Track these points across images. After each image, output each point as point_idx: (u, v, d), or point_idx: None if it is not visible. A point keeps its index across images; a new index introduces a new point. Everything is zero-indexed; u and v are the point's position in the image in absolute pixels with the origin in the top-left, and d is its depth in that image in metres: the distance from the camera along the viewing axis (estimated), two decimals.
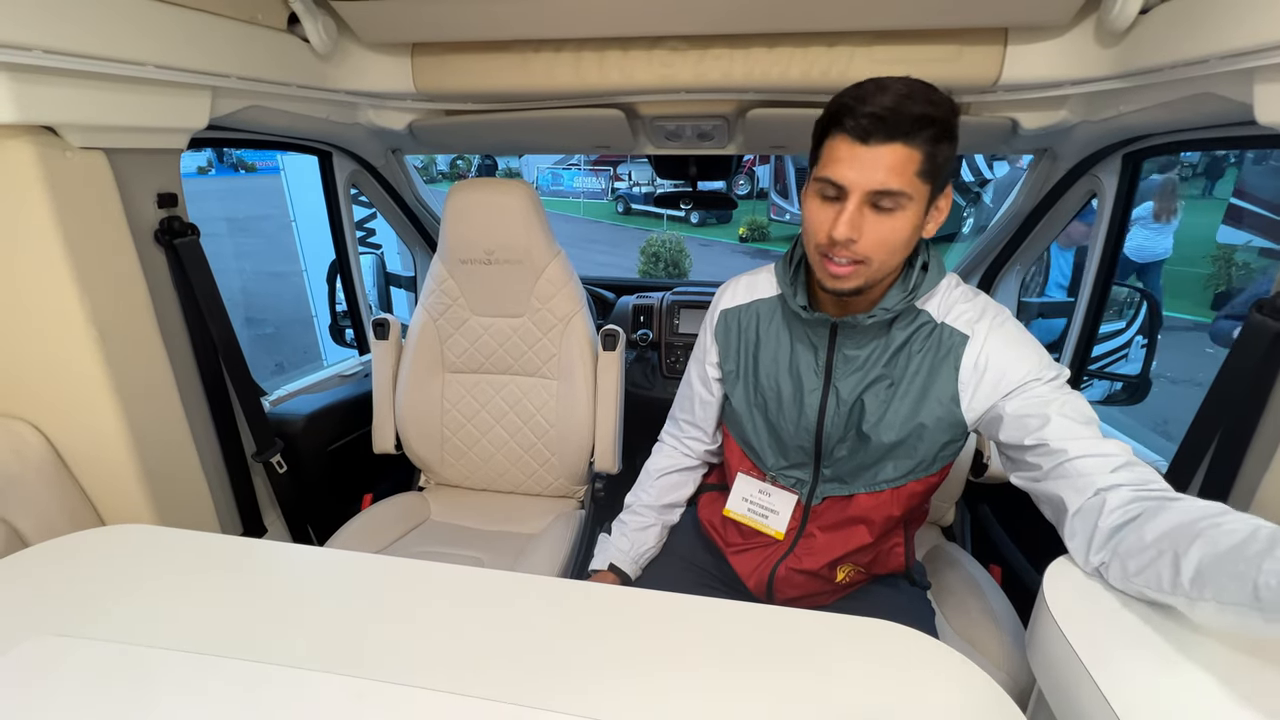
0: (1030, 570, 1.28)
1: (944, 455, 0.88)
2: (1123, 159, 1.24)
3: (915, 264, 0.84)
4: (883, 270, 0.78)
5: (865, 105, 0.70)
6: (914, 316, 0.86)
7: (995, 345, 0.82)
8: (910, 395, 0.86)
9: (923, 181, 0.72)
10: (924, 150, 0.70)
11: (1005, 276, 1.67)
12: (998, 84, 1.14)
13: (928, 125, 0.69)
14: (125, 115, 0.91)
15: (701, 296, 1.94)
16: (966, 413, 0.84)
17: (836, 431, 0.91)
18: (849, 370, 0.89)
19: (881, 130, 0.70)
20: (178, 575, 0.73)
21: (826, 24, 1.11)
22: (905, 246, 0.76)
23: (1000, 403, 0.80)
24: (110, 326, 0.92)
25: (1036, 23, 1.07)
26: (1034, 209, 1.48)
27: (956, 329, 0.83)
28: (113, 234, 0.93)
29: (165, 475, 1.04)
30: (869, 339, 0.87)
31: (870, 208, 0.73)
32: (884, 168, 0.71)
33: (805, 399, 0.92)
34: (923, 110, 0.69)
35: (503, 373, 1.53)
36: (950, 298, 0.86)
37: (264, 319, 6.43)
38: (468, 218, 1.41)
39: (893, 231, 0.74)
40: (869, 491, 0.92)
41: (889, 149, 0.70)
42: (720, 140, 1.49)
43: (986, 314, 0.84)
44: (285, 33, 1.14)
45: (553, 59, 1.24)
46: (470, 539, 1.41)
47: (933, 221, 0.79)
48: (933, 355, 0.84)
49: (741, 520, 1.02)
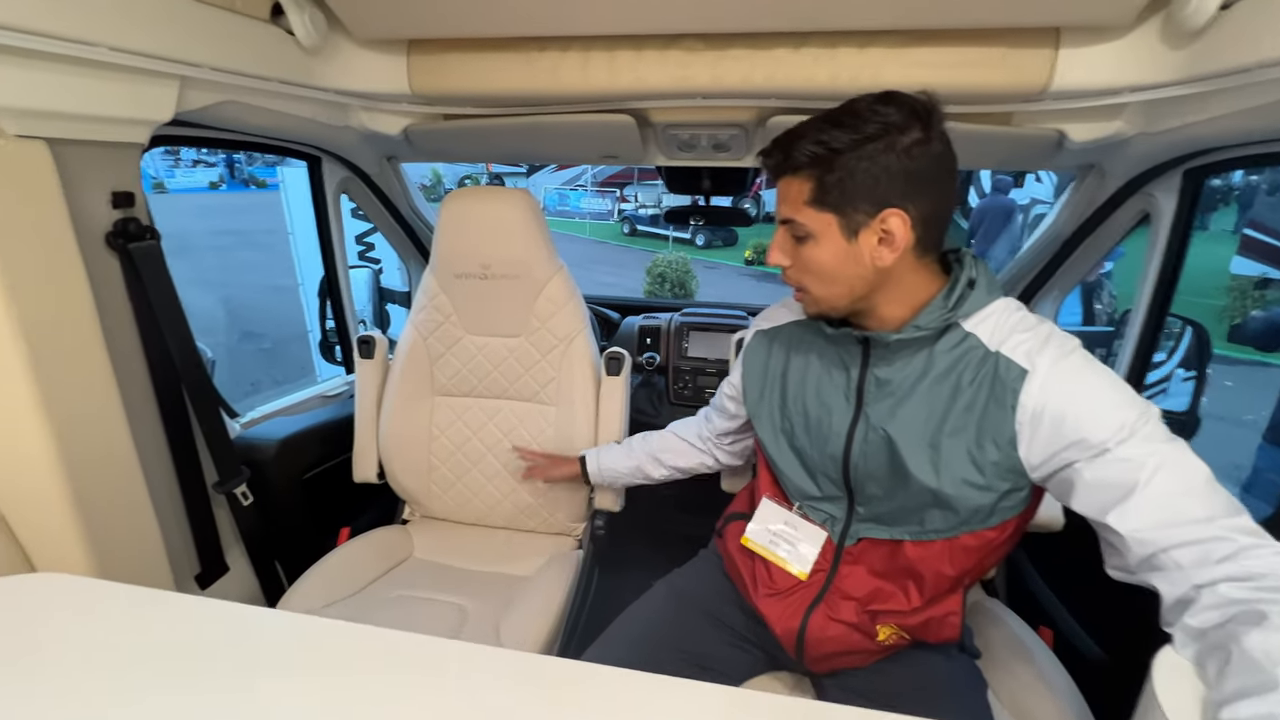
0: (1084, 636, 1.13)
1: (1005, 507, 0.75)
2: (1183, 175, 1.13)
3: (960, 279, 0.74)
4: (831, 299, 0.77)
5: (768, 147, 0.75)
6: (960, 339, 0.74)
7: (1060, 386, 0.69)
8: (961, 433, 0.74)
9: (818, 210, 0.71)
10: (812, 179, 0.71)
11: (1041, 301, 1.55)
12: (1046, 91, 1.03)
13: (808, 160, 0.70)
14: (73, 102, 0.80)
15: (713, 318, 1.83)
16: (1025, 460, 0.71)
17: (867, 465, 0.80)
18: (881, 395, 0.78)
19: (773, 165, 0.75)
20: (86, 636, 0.60)
21: (859, 23, 1.01)
22: (837, 278, 0.74)
23: (1072, 464, 0.67)
24: (44, 341, 0.80)
25: (1094, 23, 0.97)
26: (1076, 230, 1.36)
27: (1014, 361, 0.71)
28: (52, 235, 0.81)
29: (106, 509, 0.91)
30: (904, 360, 0.77)
31: (793, 238, 0.76)
32: (781, 198, 0.75)
33: (832, 424, 0.82)
34: (808, 147, 0.70)
35: (497, 397, 1.41)
36: (1006, 324, 0.74)
37: (262, 333, 6.35)
38: (463, 228, 1.31)
39: (811, 260, 0.75)
40: (916, 540, 0.80)
41: (783, 182, 0.75)
42: (737, 151, 1.38)
43: (1050, 345, 0.71)
44: (268, 23, 1.04)
45: (559, 59, 1.14)
46: (455, 582, 1.27)
47: (886, 249, 0.71)
48: (986, 389, 0.72)
49: (760, 552, 0.91)
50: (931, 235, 0.72)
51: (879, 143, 0.67)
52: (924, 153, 0.68)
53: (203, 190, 17.45)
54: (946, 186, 0.72)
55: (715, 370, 1.79)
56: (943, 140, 0.70)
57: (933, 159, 0.69)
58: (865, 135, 0.67)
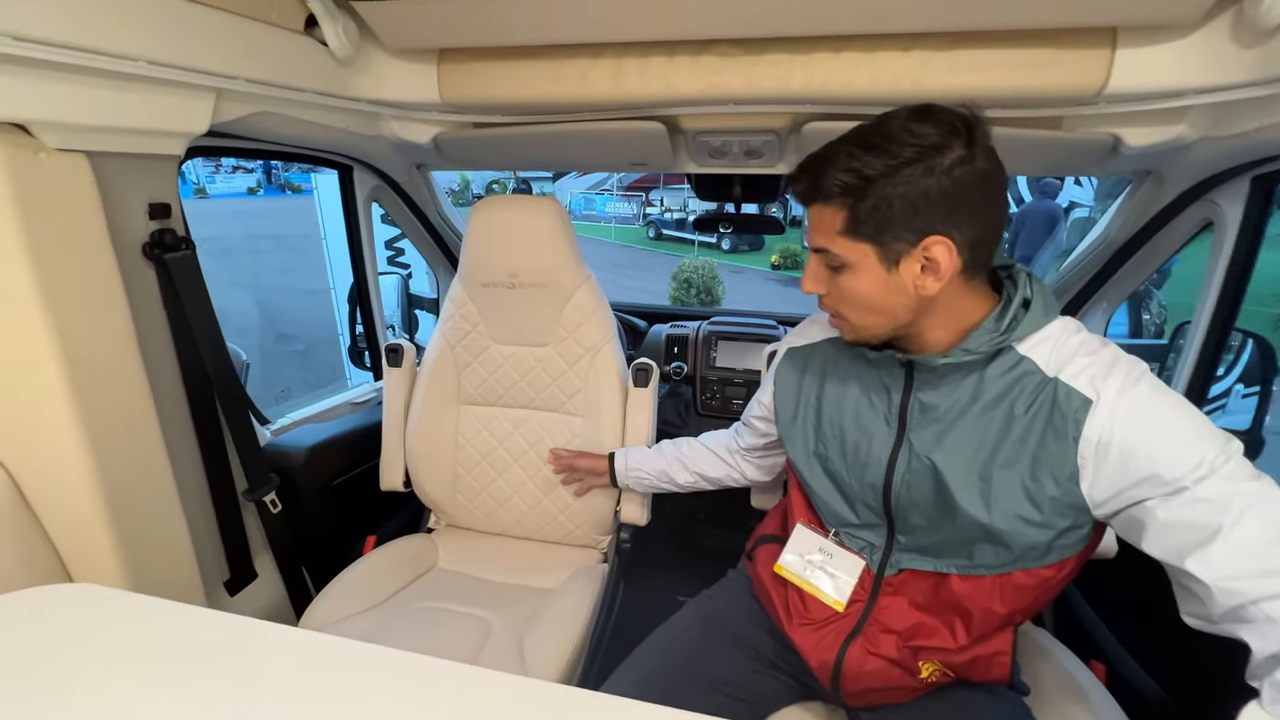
0: (1141, 673, 1.06)
1: (1063, 544, 0.69)
2: (1251, 182, 1.06)
3: (1014, 298, 0.69)
4: (869, 328, 0.73)
5: (796, 171, 0.71)
6: (1014, 363, 0.69)
7: (1130, 417, 0.63)
8: (1015, 465, 0.68)
9: (853, 240, 0.67)
10: (844, 208, 0.66)
11: (1090, 313, 1.48)
12: (1101, 94, 0.98)
13: (839, 189, 0.66)
14: (112, 115, 0.81)
15: (742, 328, 1.79)
16: (1089, 496, 0.66)
17: (910, 495, 0.76)
18: (926, 421, 0.74)
19: (801, 192, 0.71)
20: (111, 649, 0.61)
21: (903, 25, 0.96)
22: (877, 308, 0.70)
23: (1142, 502, 0.62)
24: (82, 351, 0.81)
25: (1156, 21, 0.91)
26: (1130, 238, 1.29)
27: (1075, 389, 0.66)
28: (91, 247, 0.82)
29: (140, 518, 0.92)
30: (951, 385, 0.72)
31: (827, 266, 0.72)
32: (813, 226, 0.71)
33: (872, 450, 0.78)
34: (839, 176, 0.66)
35: (523, 406, 1.39)
36: (1065, 347, 0.69)
37: (296, 335, 6.51)
38: (491, 237, 1.30)
39: (848, 290, 0.71)
40: (964, 574, 0.75)
41: (813, 210, 0.71)
42: (770, 158, 1.35)
43: (1116, 371, 0.65)
44: (302, 35, 1.05)
45: (589, 66, 1.12)
46: (480, 593, 1.26)
47: (930, 278, 0.66)
48: (1044, 418, 0.67)
49: (794, 580, 0.87)
50: (980, 257, 0.68)
51: (916, 166, 0.62)
52: (967, 172, 0.62)
53: (241, 195, 18.02)
54: (995, 205, 0.67)
55: (743, 381, 1.75)
56: (988, 156, 0.64)
57: (978, 178, 0.63)
58: (901, 160, 0.62)
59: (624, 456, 1.23)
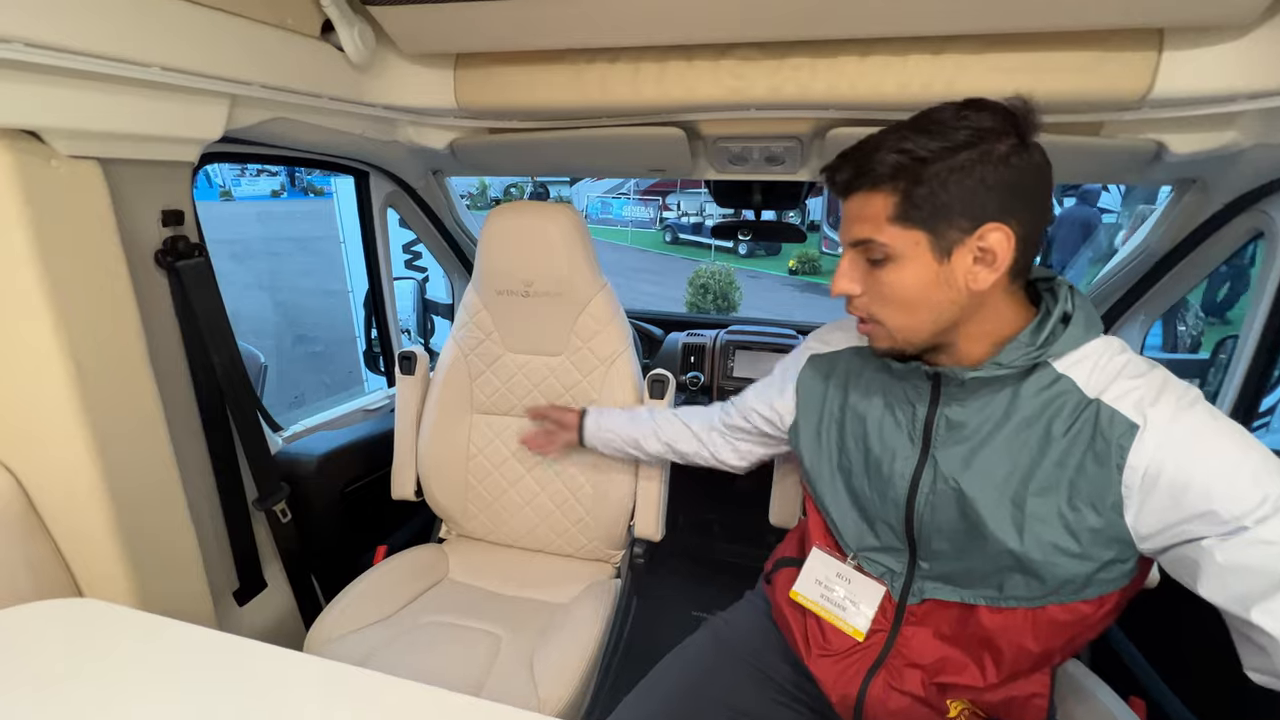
0: (1184, 710, 1.00)
1: (1104, 579, 0.64)
2: None
3: (1053, 312, 0.65)
4: (908, 331, 0.68)
5: (833, 162, 0.67)
6: (1050, 381, 0.65)
7: (1181, 446, 0.58)
8: (1051, 492, 0.64)
9: (904, 227, 0.63)
10: (896, 193, 0.62)
11: (1127, 325, 1.42)
12: (1146, 99, 0.93)
13: (889, 171, 0.62)
14: (126, 122, 0.80)
15: (760, 338, 1.75)
16: (1134, 529, 0.61)
17: (933, 517, 0.72)
18: (953, 439, 0.70)
19: (845, 181, 0.66)
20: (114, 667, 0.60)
21: (935, 28, 0.93)
22: (921, 304, 0.65)
23: (1197, 540, 0.57)
24: (91, 360, 0.80)
25: (1206, 22, 0.86)
26: (1172, 249, 1.23)
27: (1120, 412, 0.61)
28: (102, 255, 0.81)
29: (148, 527, 0.91)
30: (981, 401, 0.68)
31: (866, 263, 0.67)
32: (853, 219, 0.66)
33: (895, 466, 0.74)
34: (888, 158, 0.62)
35: None
36: (1108, 368, 0.64)
37: (315, 336, 6.58)
38: (506, 245, 1.28)
39: (889, 286, 0.66)
40: (993, 606, 0.70)
41: (855, 199, 0.66)
42: (791, 164, 1.31)
43: (1167, 396, 0.61)
44: (318, 40, 1.04)
45: (607, 71, 1.10)
46: (490, 607, 1.23)
47: (984, 270, 0.62)
48: (1085, 443, 0.63)
49: (811, 607, 0.83)
50: (1028, 256, 0.64)
51: (973, 150, 0.59)
52: (1024, 162, 0.60)
53: (265, 199, 18.35)
54: (1047, 202, 0.64)
55: None
56: (1040, 149, 0.62)
57: (1034, 169, 0.61)
58: (956, 142, 0.59)
59: (596, 416, 1.17)
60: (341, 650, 1.06)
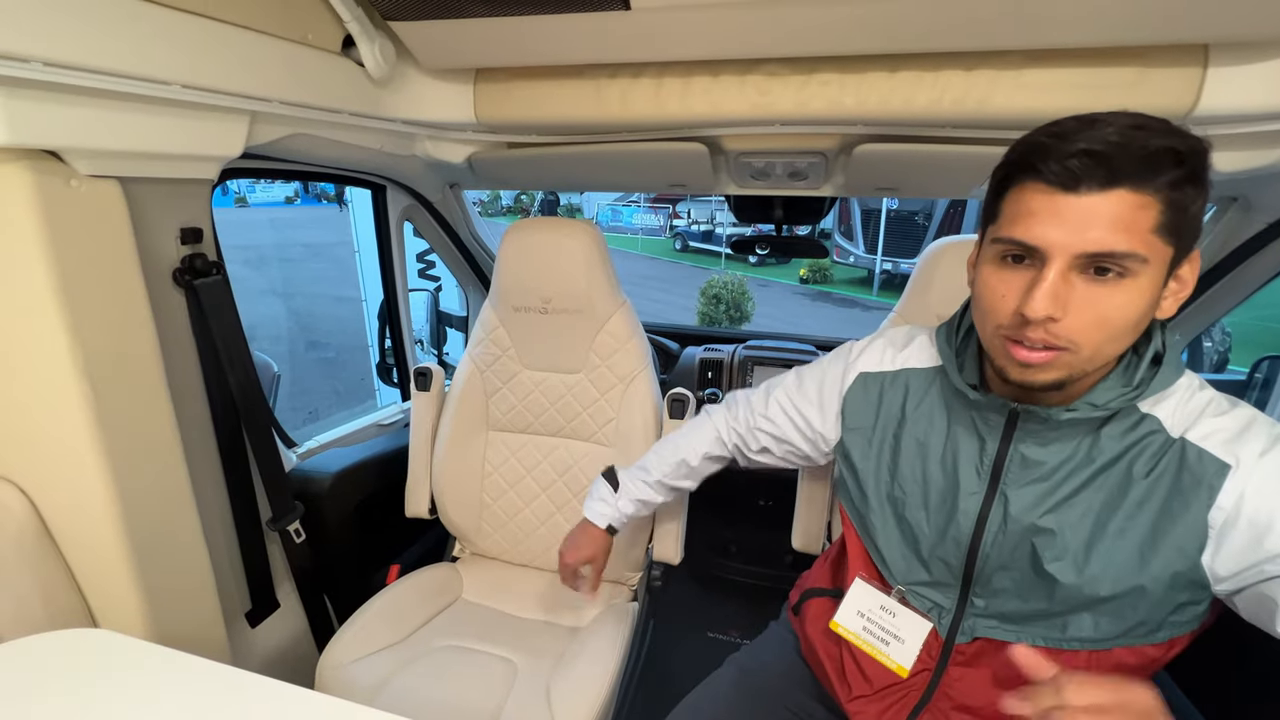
0: None
1: (1176, 621, 0.62)
2: None
3: (1145, 352, 0.61)
4: (1095, 361, 0.57)
5: (1072, 141, 0.52)
6: (1135, 422, 0.62)
7: (1267, 484, 0.55)
8: (1130, 535, 0.61)
9: (1164, 240, 0.53)
10: (1165, 197, 0.51)
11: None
12: (1190, 115, 0.90)
13: (1170, 162, 0.51)
14: (146, 140, 0.79)
15: (778, 353, 1.72)
16: (1210, 570, 0.58)
17: (1000, 556, 0.68)
18: (1027, 478, 0.66)
19: (1099, 172, 0.51)
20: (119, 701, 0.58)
21: (969, 44, 0.90)
22: (1133, 330, 0.56)
23: (1276, 578, 0.54)
24: (107, 381, 0.79)
25: (1253, 38, 0.83)
26: (1212, 268, 1.19)
27: (1209, 452, 0.58)
28: (121, 275, 0.80)
29: (162, 548, 0.89)
30: (1063, 441, 0.64)
31: (1081, 276, 0.54)
32: (1102, 223, 0.52)
33: (960, 502, 0.70)
34: (1163, 142, 0.51)
35: (553, 434, 1.34)
36: (1192, 405, 0.61)
37: (327, 342, 6.61)
38: (525, 261, 1.26)
39: (1116, 309, 0.54)
40: (1054, 648, 0.66)
41: (1109, 197, 0.52)
42: (815, 180, 1.29)
43: (1254, 433, 0.58)
44: (339, 56, 1.03)
45: (629, 86, 1.08)
46: (505, 631, 1.20)
47: (1172, 297, 0.57)
48: (1169, 483, 0.60)
49: (852, 640, 0.79)
50: None
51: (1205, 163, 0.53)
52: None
53: (279, 205, 18.57)
54: None
55: None
56: None
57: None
58: (1204, 147, 0.53)
59: (617, 512, 1.02)
60: (355, 676, 1.04)
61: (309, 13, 0.94)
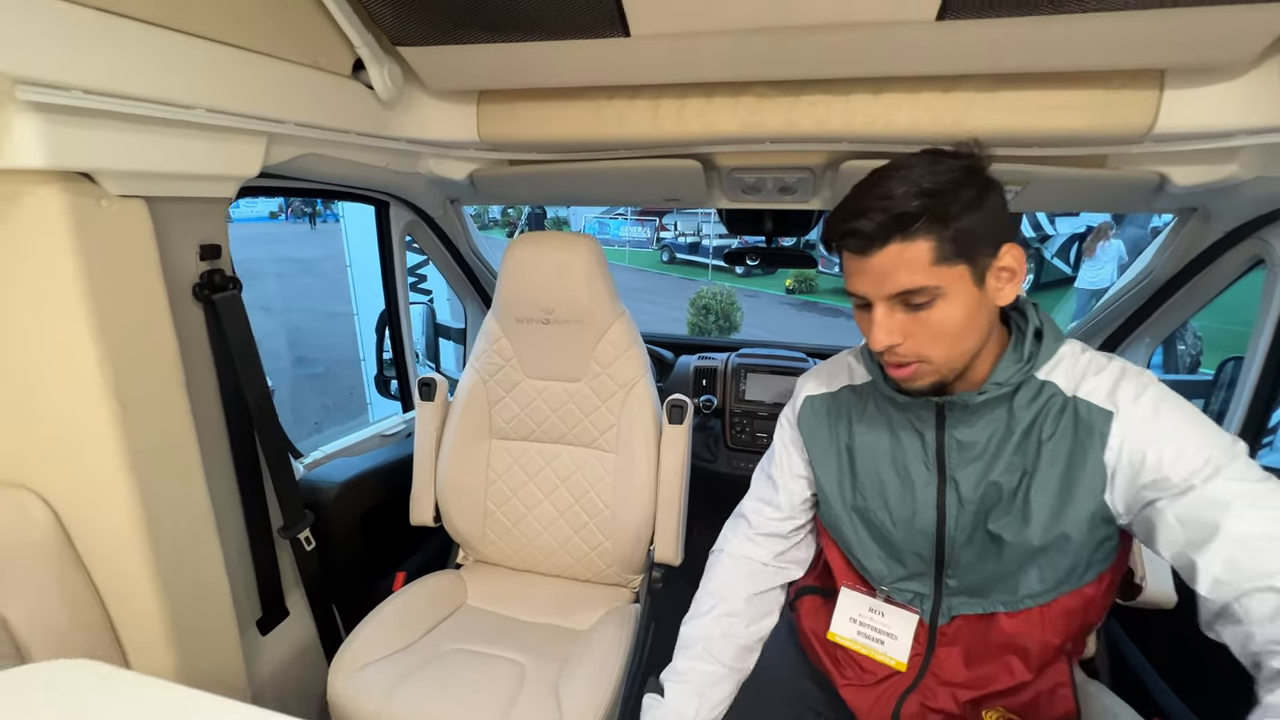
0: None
1: (1099, 559, 0.71)
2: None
3: (1026, 330, 0.72)
4: (954, 362, 0.69)
5: (847, 220, 0.66)
6: (1038, 389, 0.71)
7: (1140, 422, 0.66)
8: (1050, 488, 0.69)
9: (948, 265, 0.64)
10: (930, 236, 0.63)
11: (1133, 347, 1.45)
12: (1149, 134, 0.97)
13: (914, 214, 0.63)
14: (172, 161, 0.83)
15: (770, 360, 1.77)
16: (1112, 505, 0.67)
17: (962, 533, 0.75)
18: (966, 459, 0.74)
19: (872, 240, 0.65)
20: None
21: (945, 68, 0.97)
22: (968, 330, 0.68)
23: (1153, 503, 0.63)
24: (132, 394, 0.81)
25: (1205, 64, 0.90)
26: (1176, 274, 1.27)
27: (1094, 404, 0.68)
28: (146, 291, 0.83)
29: (181, 557, 0.91)
30: (985, 420, 0.73)
31: (903, 308, 0.67)
32: (891, 271, 0.65)
33: (918, 495, 0.77)
34: (913, 203, 0.63)
35: (555, 441, 1.38)
36: (1078, 366, 0.71)
37: (315, 358, 6.57)
38: (527, 274, 1.30)
39: (939, 324, 0.67)
40: (1010, 611, 0.74)
41: (887, 252, 0.65)
42: (803, 194, 1.35)
43: (1125, 381, 0.68)
44: (349, 79, 1.07)
45: (626, 106, 1.14)
46: (510, 634, 1.23)
47: (1008, 285, 0.69)
48: (1070, 438, 0.69)
49: (850, 646, 0.84)
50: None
51: (969, 187, 0.64)
52: (1000, 192, 0.68)
53: (263, 220, 18.44)
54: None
55: (770, 414, 1.73)
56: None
57: (1004, 199, 0.69)
58: (954, 179, 0.64)
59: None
60: (367, 679, 1.06)
61: (322, 39, 0.99)
